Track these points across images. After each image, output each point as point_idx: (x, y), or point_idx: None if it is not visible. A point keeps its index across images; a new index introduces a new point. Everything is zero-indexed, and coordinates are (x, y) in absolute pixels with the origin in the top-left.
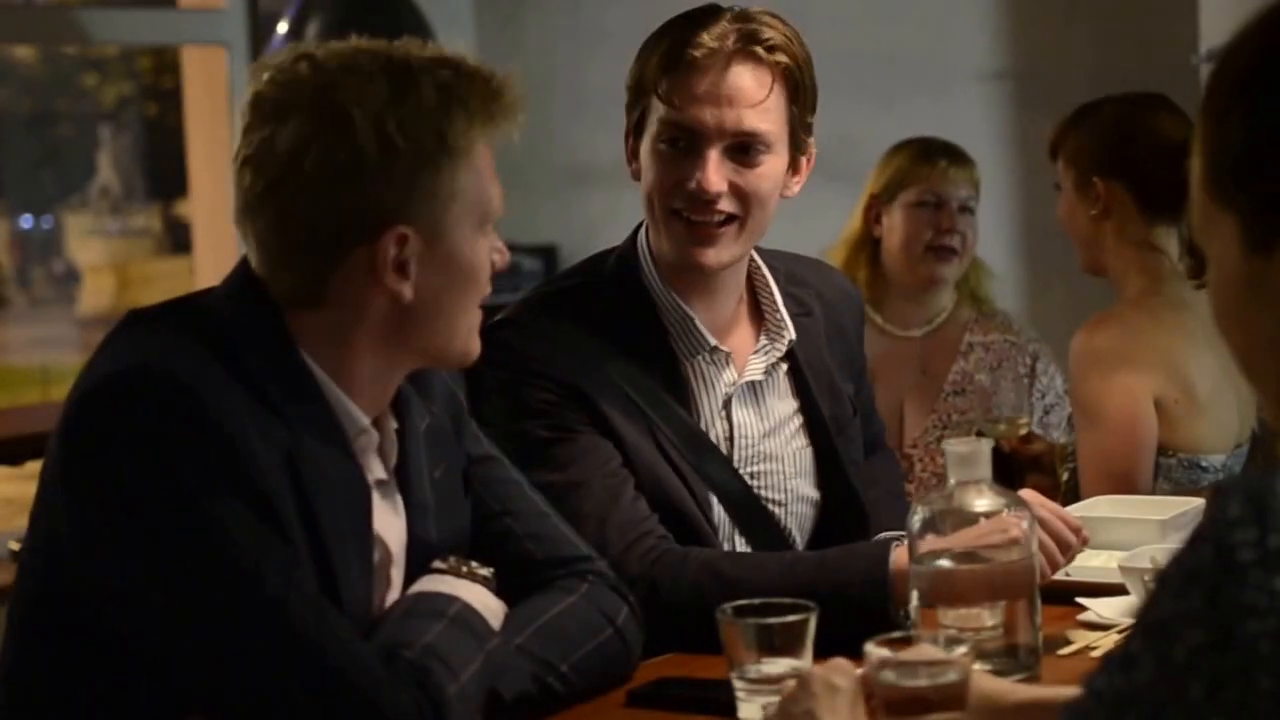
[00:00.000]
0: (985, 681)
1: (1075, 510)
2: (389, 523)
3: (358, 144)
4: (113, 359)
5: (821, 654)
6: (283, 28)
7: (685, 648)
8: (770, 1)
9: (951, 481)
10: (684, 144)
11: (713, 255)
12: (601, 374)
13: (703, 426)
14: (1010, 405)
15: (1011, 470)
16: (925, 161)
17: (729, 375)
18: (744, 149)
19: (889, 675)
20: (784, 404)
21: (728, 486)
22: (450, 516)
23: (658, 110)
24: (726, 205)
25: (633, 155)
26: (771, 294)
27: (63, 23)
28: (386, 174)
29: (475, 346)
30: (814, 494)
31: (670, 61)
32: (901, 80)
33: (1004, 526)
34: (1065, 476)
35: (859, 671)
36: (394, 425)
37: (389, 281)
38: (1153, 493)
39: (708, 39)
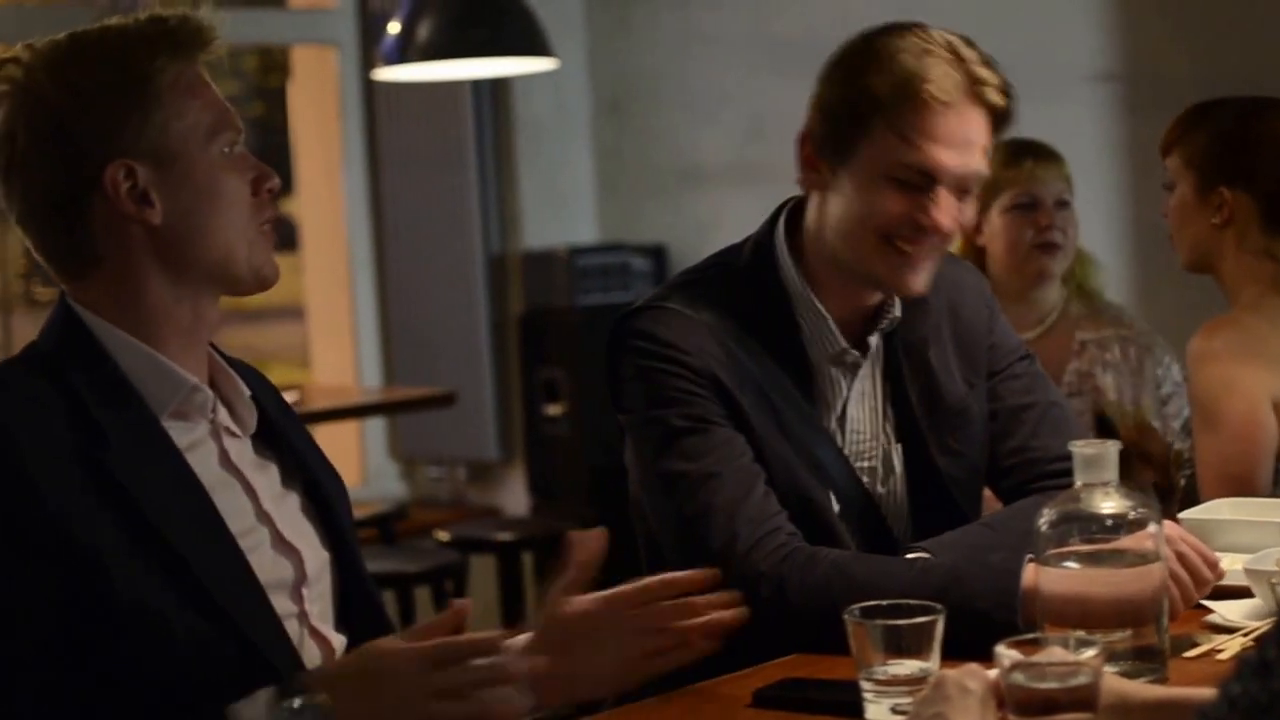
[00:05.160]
0: (1115, 682)
1: (1196, 513)
2: (252, 468)
3: (54, 103)
4: None
5: (946, 660)
6: (394, 28)
7: (811, 648)
8: (881, 5)
9: (1078, 483)
10: (915, 181)
11: (922, 282)
12: (737, 365)
13: (826, 423)
14: (1129, 401)
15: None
16: (1013, 164)
17: (854, 375)
18: (963, 189)
19: (1020, 677)
20: (880, 385)
21: (844, 484)
22: (332, 481)
23: (885, 142)
24: (943, 238)
25: (813, 166)
26: None
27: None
28: (83, 118)
29: (264, 267)
30: (904, 482)
31: (907, 96)
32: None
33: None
34: (1183, 482)
35: (991, 674)
36: (246, 391)
37: (133, 212)
38: (1272, 498)
39: (943, 78)
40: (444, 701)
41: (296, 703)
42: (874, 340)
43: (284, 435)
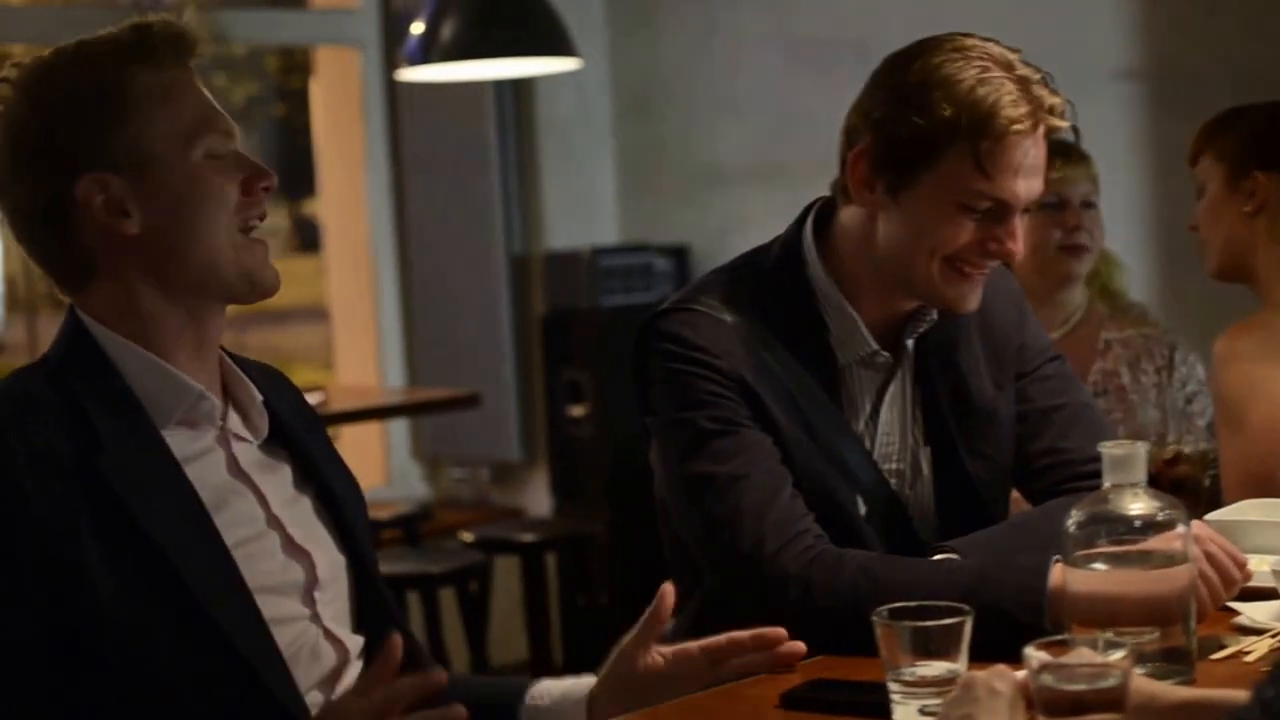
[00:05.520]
0: (1143, 683)
1: (1222, 515)
2: (262, 472)
3: (25, 121)
4: None
5: (974, 661)
6: (418, 28)
7: (838, 649)
8: (906, 4)
9: (1107, 484)
10: (987, 209)
11: (978, 299)
12: (764, 367)
13: (854, 425)
14: (1156, 421)
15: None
16: None
17: (884, 377)
18: (1027, 209)
19: (1049, 679)
20: (910, 388)
21: (871, 487)
22: (346, 485)
23: (958, 171)
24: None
25: (868, 186)
26: None
27: (198, 25)
28: (55, 134)
29: (259, 273)
30: (932, 484)
31: (981, 127)
32: None
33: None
34: (1207, 483)
35: (1020, 675)
36: (259, 397)
37: (109, 224)
38: None
39: (1013, 106)
40: None
41: None
42: (909, 344)
43: (298, 439)
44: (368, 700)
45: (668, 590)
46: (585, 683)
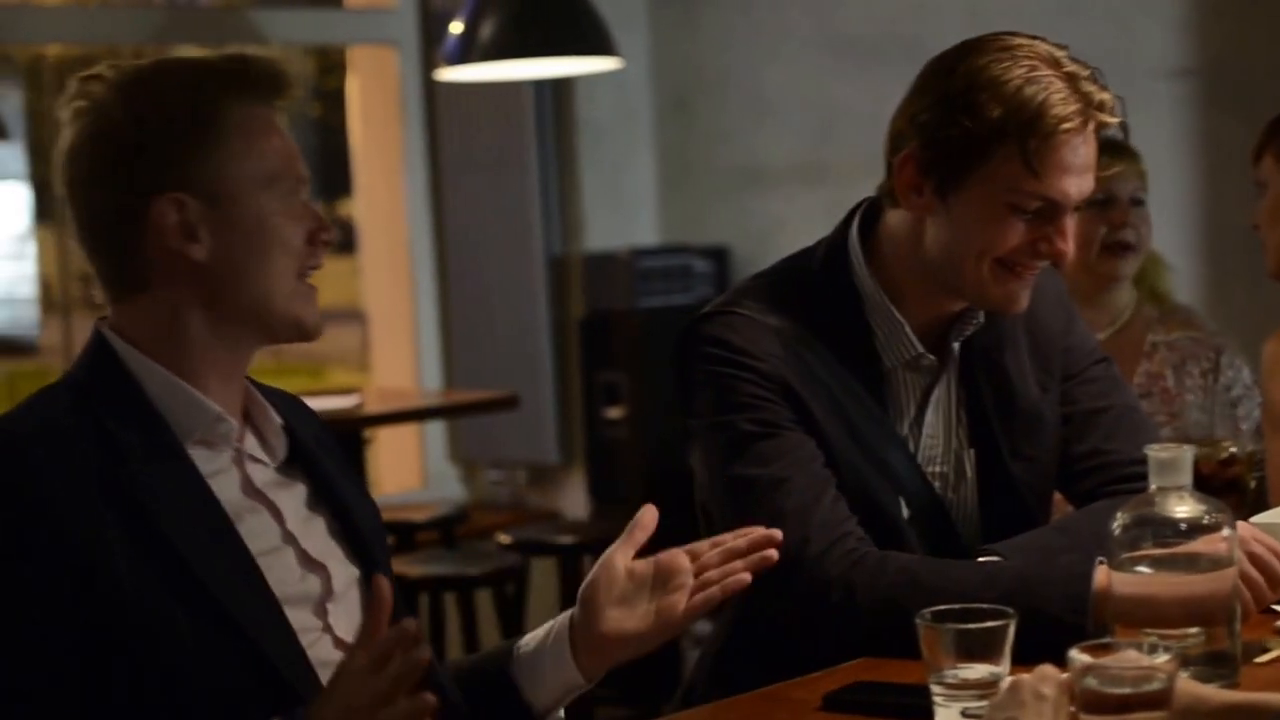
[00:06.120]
0: (1188, 684)
1: (1266, 517)
2: (281, 492)
3: (114, 127)
4: None
5: (1016, 664)
6: (456, 28)
7: (880, 652)
8: (950, 2)
9: (1153, 487)
10: (1037, 209)
11: (1028, 299)
12: (807, 369)
13: (899, 428)
14: (1202, 424)
15: (1207, 493)
16: None
17: (929, 380)
18: (1078, 208)
19: (1093, 681)
20: (955, 390)
21: (914, 490)
22: (362, 503)
23: (1008, 171)
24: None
25: (917, 190)
26: None
27: (233, 23)
28: (143, 147)
29: (305, 317)
30: (976, 487)
31: (1030, 126)
32: None
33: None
34: (1253, 484)
35: (1064, 677)
36: (279, 421)
37: (177, 245)
38: None
39: (1063, 104)
40: (386, 707)
41: None
42: (955, 346)
43: (316, 462)
44: (378, 680)
45: (646, 509)
46: (565, 616)
